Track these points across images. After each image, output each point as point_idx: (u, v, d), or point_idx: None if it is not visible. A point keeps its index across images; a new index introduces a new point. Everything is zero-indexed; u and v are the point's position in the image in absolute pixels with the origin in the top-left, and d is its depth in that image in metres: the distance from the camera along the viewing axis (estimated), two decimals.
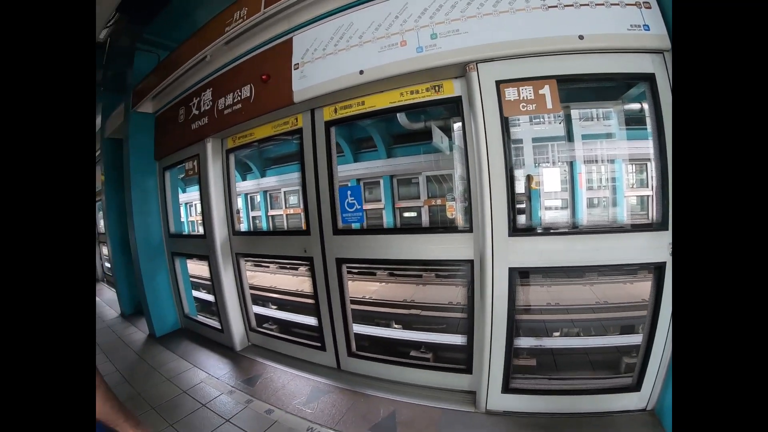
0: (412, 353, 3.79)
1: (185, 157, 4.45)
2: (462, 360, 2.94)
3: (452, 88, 2.65)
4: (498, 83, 2.38)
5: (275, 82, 3.20)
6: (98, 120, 6.28)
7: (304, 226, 3.39)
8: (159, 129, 4.95)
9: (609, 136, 5.94)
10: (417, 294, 7.84)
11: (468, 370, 2.87)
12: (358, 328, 3.53)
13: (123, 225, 5.63)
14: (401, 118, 11.66)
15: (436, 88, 2.68)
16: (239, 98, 3.54)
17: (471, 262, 2.67)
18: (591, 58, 2.29)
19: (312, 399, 3.09)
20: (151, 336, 5.12)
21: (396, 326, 6.32)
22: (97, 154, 7.07)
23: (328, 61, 2.86)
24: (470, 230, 2.64)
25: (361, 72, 2.70)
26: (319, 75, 2.90)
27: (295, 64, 3.04)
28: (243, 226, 19.36)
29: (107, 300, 7.48)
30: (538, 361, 3.04)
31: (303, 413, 2.92)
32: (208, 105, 3.94)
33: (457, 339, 3.26)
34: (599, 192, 8.02)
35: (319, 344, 3.60)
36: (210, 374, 3.75)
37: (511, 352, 2.56)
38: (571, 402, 2.54)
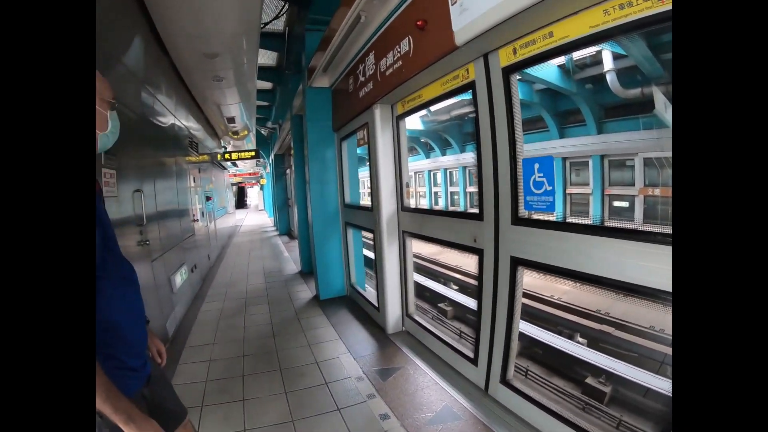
0: (588, 380, 3.07)
1: (357, 126, 4.33)
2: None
3: None
4: None
5: (433, 26, 2.52)
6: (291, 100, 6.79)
7: (476, 209, 2.67)
8: (335, 101, 5.05)
9: None
10: (615, 306, 6.31)
11: None
12: (524, 327, 2.66)
13: (305, 192, 6.16)
14: (613, 82, 9.74)
15: None
16: (398, 54, 2.99)
17: None
18: None
19: (439, 420, 2.51)
20: (316, 297, 5.43)
21: (580, 340, 5.32)
22: (287, 129, 7.90)
23: None
24: None
25: None
26: (482, 2, 2.05)
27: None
28: (441, 201, 20.31)
29: (294, 257, 8.34)
30: None
31: None
32: (371, 69, 3.58)
33: (651, 381, 2.10)
34: None
35: (471, 355, 2.90)
36: (350, 352, 3.59)
37: None
38: None
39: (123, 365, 1.16)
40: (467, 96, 2.76)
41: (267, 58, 7.26)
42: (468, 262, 9.21)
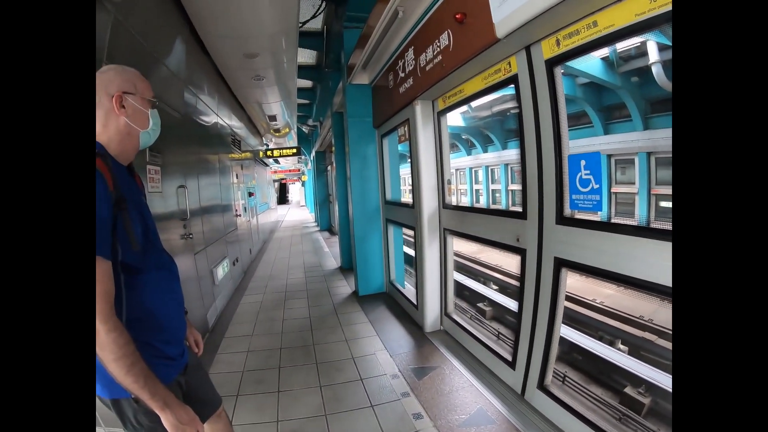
0: (627, 389, 3.15)
1: (397, 123, 4.30)
2: None
3: None
4: None
5: (472, 19, 2.44)
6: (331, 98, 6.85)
7: (519, 208, 2.57)
8: (375, 97, 5.03)
9: None
10: (659, 313, 5.93)
11: None
12: (563, 330, 2.54)
13: (347, 188, 6.19)
14: (659, 75, 9.17)
15: None
16: (438, 49, 2.92)
17: None
18: None
19: (472, 422, 2.44)
20: (355, 293, 5.45)
21: (621, 348, 5.09)
22: (327, 127, 8.00)
23: None
24: None
25: None
26: None
27: None
28: (482, 199, 19.96)
29: (334, 252, 8.46)
30: None
31: None
32: (411, 65, 3.52)
33: None
34: None
35: (509, 358, 2.80)
36: (386, 349, 3.57)
37: None
38: None
39: (160, 353, 1.19)
40: (509, 91, 2.67)
41: (306, 56, 7.35)
42: (509, 262, 8.99)
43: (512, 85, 2.52)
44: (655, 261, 1.71)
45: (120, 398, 1.11)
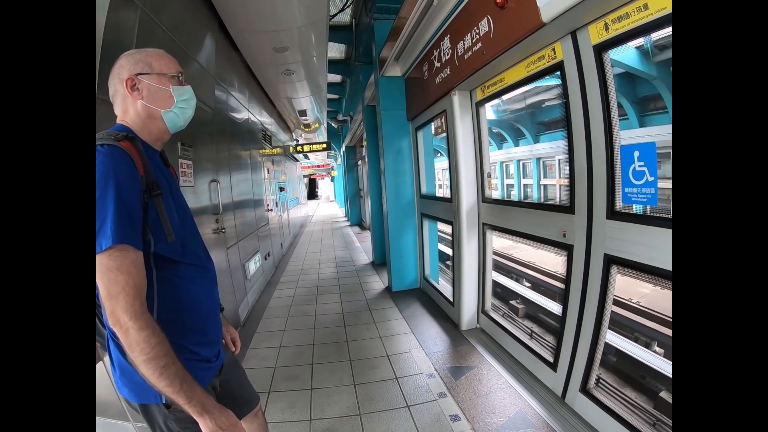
0: (662, 394, 3.22)
1: (433, 114, 4.19)
2: None
3: None
4: None
5: (514, 3, 2.32)
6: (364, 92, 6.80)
7: (567, 201, 2.44)
8: (408, 89, 4.93)
9: None
10: None
11: None
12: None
13: (380, 183, 6.14)
14: None
15: None
16: (477, 36, 2.79)
17: None
18: None
19: (511, 426, 2.34)
20: (388, 289, 5.38)
21: (657, 350, 4.86)
22: (358, 121, 7.95)
23: None
24: None
25: None
26: None
27: None
28: (514, 194, 19.52)
29: (365, 247, 8.46)
30: None
31: None
32: (447, 54, 3.41)
33: None
34: None
35: (551, 359, 2.68)
36: (422, 347, 3.48)
37: None
38: None
39: (195, 356, 1.12)
40: (550, 81, 2.52)
41: (335, 51, 7.33)
42: (543, 259, 8.74)
43: (557, 73, 2.37)
44: None
45: (149, 404, 1.05)
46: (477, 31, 2.78)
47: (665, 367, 4.08)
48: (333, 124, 12.48)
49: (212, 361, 1.20)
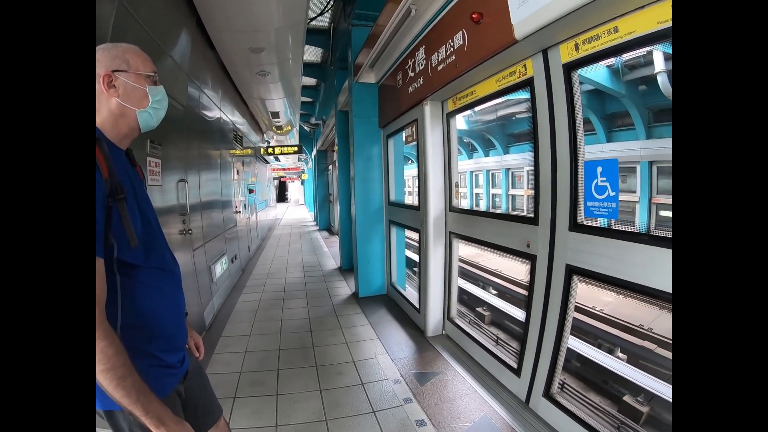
0: (626, 398, 3.33)
1: (405, 123, 4.24)
2: None
3: None
4: None
5: (489, 19, 2.39)
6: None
7: (531, 213, 2.53)
8: (382, 97, 4.97)
9: None
10: (659, 321, 5.94)
11: None
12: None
13: (349, 188, 6.13)
14: (664, 85, 9.18)
15: None
16: (451, 49, 2.86)
17: None
18: None
19: (477, 430, 2.40)
20: (355, 295, 5.38)
21: (620, 356, 5.12)
22: (330, 125, 7.95)
23: None
24: None
25: None
26: None
27: None
28: (482, 203, 19.92)
29: (333, 252, 8.44)
30: None
31: None
32: (422, 65, 3.47)
33: None
34: None
35: (515, 365, 2.75)
36: (388, 353, 3.50)
37: None
38: None
39: (160, 363, 1.10)
40: (520, 95, 2.62)
41: (311, 54, 7.31)
42: (509, 266, 8.95)
43: (527, 89, 2.47)
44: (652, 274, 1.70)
45: (114, 410, 1.02)
46: (452, 44, 2.85)
47: (628, 372, 4.27)
48: (305, 128, 12.42)
49: (177, 367, 1.18)
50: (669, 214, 10.06)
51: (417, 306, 4.16)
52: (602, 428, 2.14)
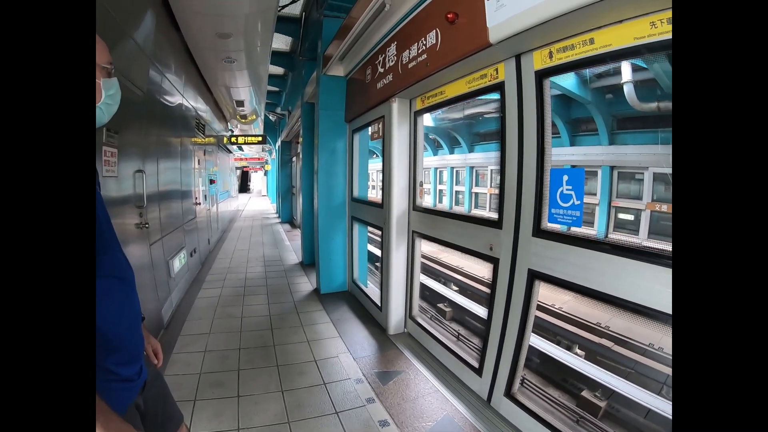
0: (584, 393, 3.44)
1: (372, 119, 4.18)
2: None
3: None
4: None
5: (465, 20, 2.37)
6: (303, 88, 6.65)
7: (496, 214, 2.55)
8: (349, 91, 4.89)
9: None
10: (615, 320, 6.27)
11: None
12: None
13: (313, 182, 6.06)
14: (630, 94, 9.61)
15: None
16: (423, 47, 2.84)
17: None
18: None
19: (439, 429, 2.44)
20: (316, 291, 5.32)
21: (578, 352, 5.35)
22: (296, 117, 7.79)
23: None
24: None
25: None
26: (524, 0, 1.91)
27: None
28: (445, 200, 20.18)
29: (295, 246, 8.35)
30: None
31: None
32: (392, 61, 3.42)
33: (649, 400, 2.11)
34: None
35: (477, 365, 2.79)
36: (350, 351, 3.48)
37: None
38: None
39: (116, 377, 1.02)
40: (491, 96, 2.64)
41: (281, 42, 7.12)
42: (470, 264, 9.11)
43: (497, 92, 2.48)
44: (640, 283, 1.73)
45: None
46: (424, 42, 2.82)
47: (586, 368, 4.44)
48: (271, 117, 12.11)
49: (134, 380, 1.10)
50: (627, 216, 10.55)
51: (379, 304, 4.15)
52: (562, 425, 2.21)
